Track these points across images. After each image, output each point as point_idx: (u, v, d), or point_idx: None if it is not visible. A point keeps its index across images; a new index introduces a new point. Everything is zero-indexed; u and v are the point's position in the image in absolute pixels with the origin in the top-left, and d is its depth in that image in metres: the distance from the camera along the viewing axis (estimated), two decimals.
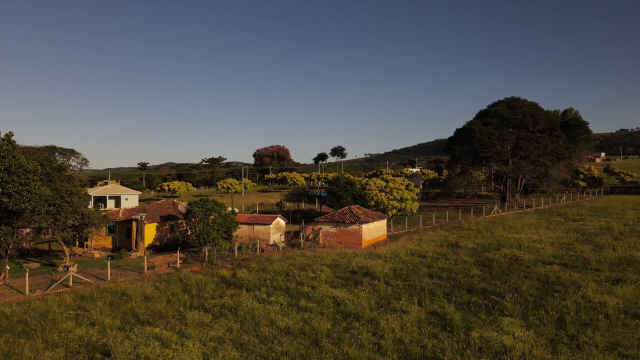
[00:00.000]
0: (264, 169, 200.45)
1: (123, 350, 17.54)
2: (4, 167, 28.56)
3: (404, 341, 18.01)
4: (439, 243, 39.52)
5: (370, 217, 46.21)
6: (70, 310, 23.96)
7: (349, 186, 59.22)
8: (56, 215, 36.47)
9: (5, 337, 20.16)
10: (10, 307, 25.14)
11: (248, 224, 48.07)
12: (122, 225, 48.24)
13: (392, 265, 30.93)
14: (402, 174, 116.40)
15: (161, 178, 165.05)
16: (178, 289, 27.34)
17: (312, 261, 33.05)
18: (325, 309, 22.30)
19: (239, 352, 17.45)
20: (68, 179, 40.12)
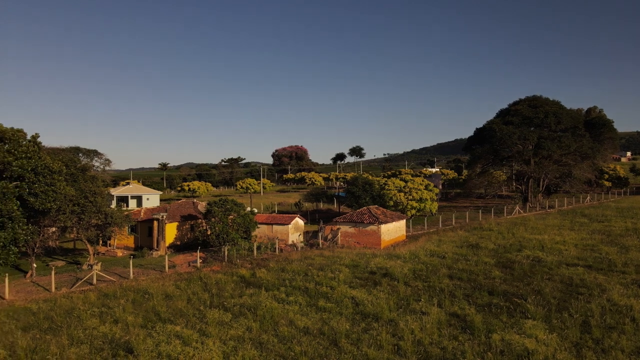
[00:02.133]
0: (282, 169, 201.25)
1: (145, 348, 17.82)
2: (30, 168, 29.31)
3: (424, 343, 17.87)
4: (459, 244, 39.09)
5: (389, 217, 45.99)
6: (94, 307, 24.48)
7: (368, 186, 59.04)
8: (80, 215, 37.28)
9: (32, 333, 20.72)
10: (37, 304, 25.82)
11: (267, 223, 48.34)
12: (143, 225, 49.04)
13: (411, 265, 30.72)
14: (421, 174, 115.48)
15: (181, 178, 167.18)
16: (198, 288, 27.67)
17: (330, 261, 33.05)
18: (344, 309, 22.28)
19: (258, 351, 17.56)
20: (92, 179, 40.95)
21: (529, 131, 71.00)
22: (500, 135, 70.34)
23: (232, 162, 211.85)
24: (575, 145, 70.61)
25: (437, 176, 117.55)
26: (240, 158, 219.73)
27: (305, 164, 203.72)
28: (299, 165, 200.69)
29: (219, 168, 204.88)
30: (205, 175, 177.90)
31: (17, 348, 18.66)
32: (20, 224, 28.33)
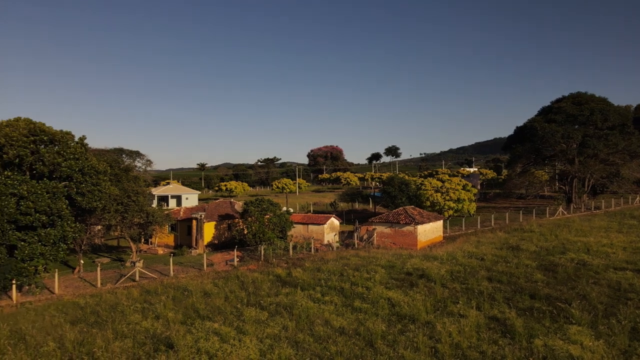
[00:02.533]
0: (317, 169, 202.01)
1: (185, 344, 18.29)
2: (78, 169, 30.64)
3: (462, 346, 17.51)
4: (499, 245, 38.05)
5: (425, 217, 45.34)
6: (137, 303, 25.35)
7: (404, 186, 58.42)
8: (124, 214, 38.70)
9: (80, 326, 21.67)
10: (84, 299, 26.99)
11: (302, 223, 48.65)
12: (183, 224, 50.37)
13: (448, 267, 30.16)
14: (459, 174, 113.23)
15: (219, 178, 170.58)
16: (235, 286, 28.16)
17: (366, 262, 32.91)
18: (380, 310, 22.13)
19: (294, 350, 17.69)
20: (134, 179, 42.45)
21: (573, 129, 68.23)
22: (542, 134, 67.94)
23: (268, 162, 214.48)
24: (623, 143, 67.32)
25: (475, 176, 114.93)
26: (276, 158, 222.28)
27: (341, 164, 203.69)
28: (334, 165, 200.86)
29: (255, 168, 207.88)
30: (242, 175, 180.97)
31: (66, 341, 19.56)
32: (69, 222, 29.66)
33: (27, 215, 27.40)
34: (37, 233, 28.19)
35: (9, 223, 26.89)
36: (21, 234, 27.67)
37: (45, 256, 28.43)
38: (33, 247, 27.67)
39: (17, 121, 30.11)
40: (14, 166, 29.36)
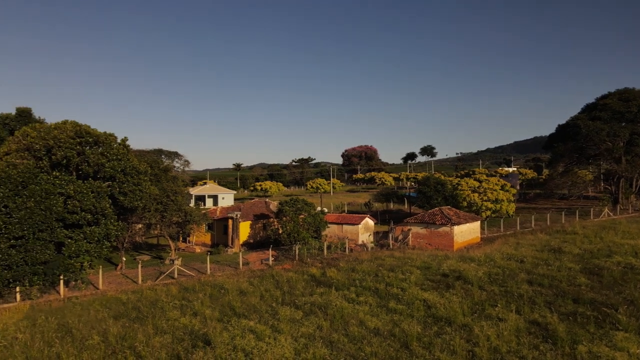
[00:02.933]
0: (352, 169, 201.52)
1: (222, 341, 18.65)
2: (120, 169, 31.78)
3: (501, 350, 17.06)
4: (540, 247, 36.83)
5: (462, 218, 44.46)
6: (175, 300, 26.05)
7: (440, 186, 57.45)
8: (163, 213, 39.83)
9: (122, 321, 22.48)
10: (126, 295, 27.97)
11: (337, 223, 48.65)
12: (219, 223, 51.36)
13: (486, 269, 29.45)
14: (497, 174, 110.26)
15: (254, 178, 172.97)
16: (270, 285, 28.47)
17: (401, 262, 32.58)
18: (416, 311, 21.86)
19: (328, 349, 17.72)
20: (173, 179, 43.63)
21: (619, 127, 65.24)
22: (586, 132, 65.28)
23: (302, 162, 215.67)
24: None
25: (514, 176, 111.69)
26: (310, 158, 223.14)
27: (375, 164, 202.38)
28: (369, 165, 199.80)
29: (290, 168, 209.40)
30: (277, 175, 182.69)
31: (109, 335, 20.34)
32: (112, 221, 30.79)
33: (73, 213, 28.63)
34: (83, 231, 29.42)
35: (57, 221, 28.17)
36: (68, 232, 28.95)
37: (91, 253, 29.63)
38: (79, 244, 28.88)
39: (65, 124, 31.51)
40: (61, 167, 30.76)
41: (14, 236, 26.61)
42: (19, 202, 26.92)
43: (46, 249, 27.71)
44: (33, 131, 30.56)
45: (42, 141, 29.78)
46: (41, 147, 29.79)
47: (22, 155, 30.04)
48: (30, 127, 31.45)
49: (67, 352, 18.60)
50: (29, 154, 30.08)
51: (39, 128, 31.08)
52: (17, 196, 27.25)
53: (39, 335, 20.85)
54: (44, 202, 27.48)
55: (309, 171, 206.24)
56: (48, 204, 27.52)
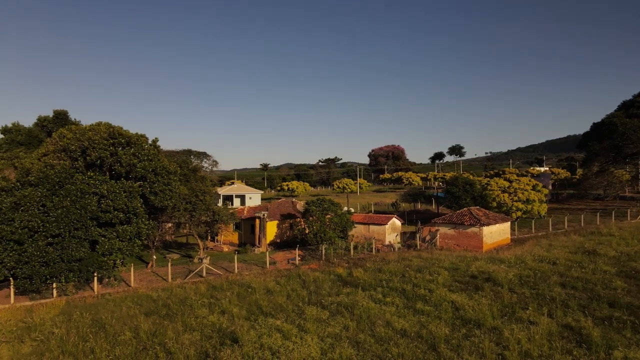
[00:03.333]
0: (378, 169, 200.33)
1: (249, 339, 18.87)
2: (151, 169, 32.53)
3: (532, 354, 16.64)
4: (573, 249, 35.74)
5: (491, 219, 43.60)
6: (204, 298, 26.49)
7: (468, 186, 56.47)
8: (192, 212, 40.55)
9: (153, 318, 23.02)
10: (156, 292, 28.61)
11: (363, 223, 48.48)
12: (246, 223, 51.92)
13: (517, 271, 28.77)
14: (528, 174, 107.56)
15: (281, 178, 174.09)
16: (297, 285, 28.61)
17: (429, 263, 32.20)
18: (443, 313, 21.56)
19: (355, 350, 17.68)
20: (201, 179, 44.38)
21: None
22: (623, 130, 63.09)
23: (329, 162, 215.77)
24: None
25: (546, 175, 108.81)
26: (337, 158, 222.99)
27: (402, 164, 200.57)
28: (396, 165, 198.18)
29: (317, 168, 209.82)
30: (303, 175, 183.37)
31: (140, 331, 20.86)
32: (143, 220, 31.55)
33: (107, 212, 29.48)
34: (116, 229, 30.25)
35: (91, 220, 29.07)
36: (102, 230, 29.83)
37: (123, 251, 30.45)
38: (112, 243, 29.72)
39: (99, 125, 32.49)
40: (95, 167, 31.74)
41: (51, 234, 27.63)
42: (56, 202, 27.92)
43: (81, 246, 28.64)
44: (69, 133, 31.62)
45: (78, 142, 30.78)
46: (76, 148, 30.79)
47: (59, 156, 31.14)
48: (66, 129, 32.55)
49: (100, 347, 19.19)
50: (65, 154, 31.14)
51: (74, 130, 32.13)
52: (54, 195, 28.27)
53: (74, 330, 21.58)
54: (79, 201, 28.41)
55: (336, 171, 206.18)
56: (83, 203, 28.44)
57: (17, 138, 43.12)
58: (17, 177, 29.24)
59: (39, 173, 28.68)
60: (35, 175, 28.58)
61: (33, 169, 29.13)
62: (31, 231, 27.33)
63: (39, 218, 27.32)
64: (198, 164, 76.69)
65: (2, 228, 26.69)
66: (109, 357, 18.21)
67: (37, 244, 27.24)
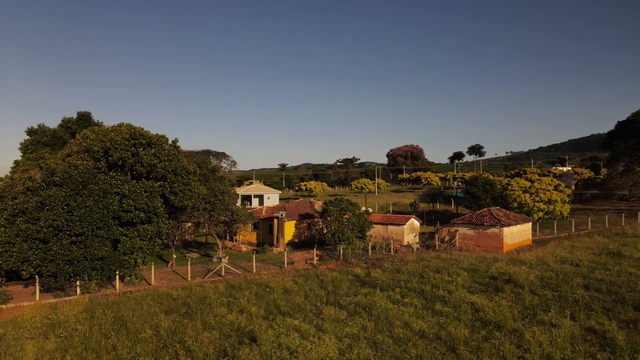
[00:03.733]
0: (397, 169, 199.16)
1: (267, 338, 18.96)
2: (171, 169, 32.99)
3: (554, 358, 16.32)
4: (597, 251, 34.94)
5: (512, 219, 42.94)
6: (223, 297, 26.73)
7: (488, 186, 55.73)
8: (211, 212, 40.96)
9: (173, 316, 23.33)
10: (176, 291, 28.99)
11: (382, 223, 48.27)
12: (265, 222, 52.20)
13: (538, 272, 28.26)
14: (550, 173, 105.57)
15: (299, 178, 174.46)
16: (315, 285, 28.64)
17: (448, 264, 31.87)
18: (463, 314, 21.32)
19: (373, 350, 17.61)
20: (220, 179, 44.81)
21: None
22: None
23: (347, 162, 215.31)
24: None
25: (568, 175, 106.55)
26: (355, 158, 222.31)
27: (421, 164, 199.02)
28: (414, 164, 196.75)
29: (334, 168, 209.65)
30: (321, 175, 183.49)
31: (161, 329, 21.18)
32: (163, 219, 32.03)
33: (128, 212, 30.01)
34: (137, 229, 30.77)
35: (113, 219, 29.63)
36: (123, 229, 30.38)
37: (144, 250, 30.96)
38: (133, 242, 30.25)
39: (120, 126, 33.09)
40: (117, 167, 32.34)
41: (74, 233, 28.26)
42: (79, 201, 28.54)
43: (103, 245, 29.22)
44: (92, 134, 32.29)
45: (100, 143, 31.40)
46: (99, 149, 31.42)
47: (82, 156, 31.82)
48: (89, 130, 33.25)
49: (122, 344, 19.54)
50: (88, 155, 31.81)
51: (97, 131, 32.79)
52: (77, 195, 28.91)
53: (97, 327, 22.03)
54: (101, 200, 28.99)
55: (354, 171, 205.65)
56: (105, 202, 29.01)
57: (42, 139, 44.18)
58: (43, 177, 30.00)
59: (63, 173, 29.36)
60: (60, 176, 29.27)
61: (58, 170, 29.84)
62: (56, 230, 28.01)
63: (63, 217, 27.98)
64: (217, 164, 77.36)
65: (29, 227, 27.42)
66: (130, 354, 18.52)
67: (62, 242, 27.90)
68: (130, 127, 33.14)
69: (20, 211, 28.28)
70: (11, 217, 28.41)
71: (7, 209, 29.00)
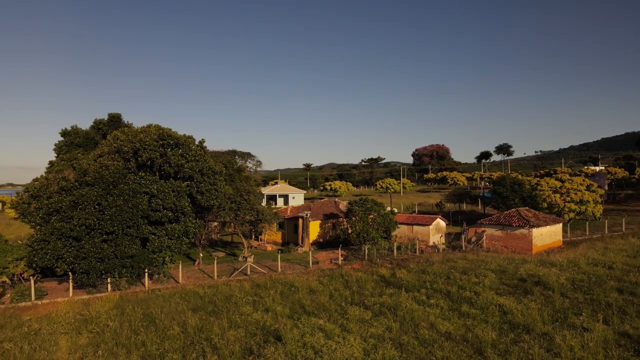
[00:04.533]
0: (422, 169, 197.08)
1: (292, 337, 19.07)
2: (198, 169, 33.52)
3: None
4: (631, 253, 33.78)
5: (542, 220, 41.92)
6: (248, 296, 27.02)
7: (517, 186, 54.56)
8: (237, 211, 41.43)
9: (200, 314, 23.72)
10: (203, 289, 29.46)
11: (407, 224, 47.86)
12: (290, 222, 52.46)
13: (569, 275, 27.51)
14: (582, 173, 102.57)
15: (323, 178, 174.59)
16: (340, 285, 28.63)
17: (474, 265, 31.37)
18: (490, 317, 20.95)
19: (398, 351, 17.49)
20: (246, 179, 45.25)
21: None
22: None
23: (371, 162, 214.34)
24: None
25: (601, 175, 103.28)
26: (380, 158, 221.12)
27: (447, 163, 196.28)
28: (440, 164, 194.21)
29: (359, 168, 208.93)
30: (346, 175, 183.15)
31: (188, 326, 21.56)
32: (190, 219, 32.58)
33: (156, 211, 30.66)
34: (165, 228, 31.40)
35: (142, 218, 30.33)
36: (152, 228, 31.05)
37: (171, 248, 31.57)
38: (161, 240, 30.88)
39: (149, 127, 33.80)
40: (146, 167, 33.06)
41: (105, 231, 29.05)
42: (110, 201, 29.33)
43: (133, 243, 29.94)
44: (122, 135, 33.10)
45: (130, 144, 32.17)
46: (129, 150, 32.19)
47: (113, 157, 32.66)
48: (119, 131, 34.09)
49: (151, 340, 19.99)
50: (119, 155, 32.62)
51: (127, 132, 33.59)
52: (108, 195, 29.71)
53: (127, 323, 22.59)
54: (131, 200, 29.71)
55: (379, 171, 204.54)
56: (135, 202, 29.72)
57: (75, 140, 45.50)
58: (76, 177, 30.95)
59: (95, 173, 30.23)
60: (92, 176, 30.14)
61: (90, 170, 30.73)
62: (88, 228, 28.86)
63: (95, 216, 28.80)
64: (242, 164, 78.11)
65: (63, 225, 28.35)
66: (158, 351, 18.93)
67: (94, 240, 28.73)
68: (158, 128, 33.82)
69: (55, 210, 29.27)
70: (46, 216, 29.44)
71: (42, 208, 30.05)
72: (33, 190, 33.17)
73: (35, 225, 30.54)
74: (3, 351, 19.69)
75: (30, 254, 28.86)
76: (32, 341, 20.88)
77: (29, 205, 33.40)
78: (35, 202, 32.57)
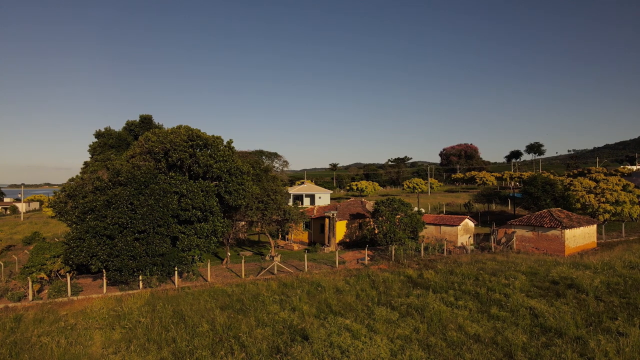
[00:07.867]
0: (450, 169, 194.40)
1: (319, 337, 19.16)
2: (226, 169, 34.03)
3: None
4: None
5: (575, 221, 40.74)
6: (275, 295, 27.26)
7: (548, 186, 53.20)
8: (264, 211, 41.85)
9: (228, 312, 24.09)
10: (231, 288, 29.89)
11: (434, 224, 47.32)
12: (316, 222, 52.64)
13: (604, 277, 26.65)
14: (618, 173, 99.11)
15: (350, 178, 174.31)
16: (366, 285, 28.56)
17: (504, 267, 30.77)
18: (521, 319, 20.53)
19: (425, 353, 17.36)
20: (273, 179, 45.67)
21: None
22: None
23: (398, 161, 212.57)
24: None
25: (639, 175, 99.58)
26: (407, 157, 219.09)
27: (475, 163, 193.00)
28: (469, 164, 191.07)
29: (386, 168, 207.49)
30: (373, 175, 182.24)
31: (216, 324, 21.94)
32: (219, 218, 33.10)
33: (186, 210, 31.30)
34: (194, 227, 32.02)
35: (172, 217, 31.02)
36: (181, 227, 31.71)
37: (200, 247, 32.16)
38: (191, 239, 31.50)
39: (179, 129, 34.53)
40: (176, 168, 33.80)
41: (137, 230, 29.84)
42: (142, 200, 30.11)
43: (163, 242, 30.65)
44: (153, 136, 33.92)
45: (161, 145, 32.94)
46: (160, 150, 32.96)
47: (145, 157, 33.51)
48: (151, 132, 34.95)
49: (181, 337, 20.45)
50: (150, 156, 33.45)
51: (158, 133, 34.40)
52: (140, 194, 30.51)
53: (158, 320, 23.16)
54: (162, 199, 30.42)
55: (406, 171, 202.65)
56: (165, 201, 30.42)
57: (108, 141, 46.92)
58: (109, 178, 31.90)
59: (127, 174, 31.09)
60: (125, 176, 31.01)
61: (122, 170, 31.63)
62: (121, 227, 29.71)
63: (127, 215, 29.63)
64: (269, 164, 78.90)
65: (97, 224, 29.28)
66: (188, 347, 19.35)
67: (126, 239, 29.56)
68: (188, 129, 34.49)
69: (90, 209, 30.25)
70: (82, 215, 30.46)
71: (78, 207, 31.10)
72: (69, 190, 34.34)
73: (72, 223, 31.64)
74: (41, 345, 20.51)
75: (67, 252, 29.90)
76: (68, 335, 21.66)
77: (66, 204, 34.60)
78: (71, 201, 33.71)
